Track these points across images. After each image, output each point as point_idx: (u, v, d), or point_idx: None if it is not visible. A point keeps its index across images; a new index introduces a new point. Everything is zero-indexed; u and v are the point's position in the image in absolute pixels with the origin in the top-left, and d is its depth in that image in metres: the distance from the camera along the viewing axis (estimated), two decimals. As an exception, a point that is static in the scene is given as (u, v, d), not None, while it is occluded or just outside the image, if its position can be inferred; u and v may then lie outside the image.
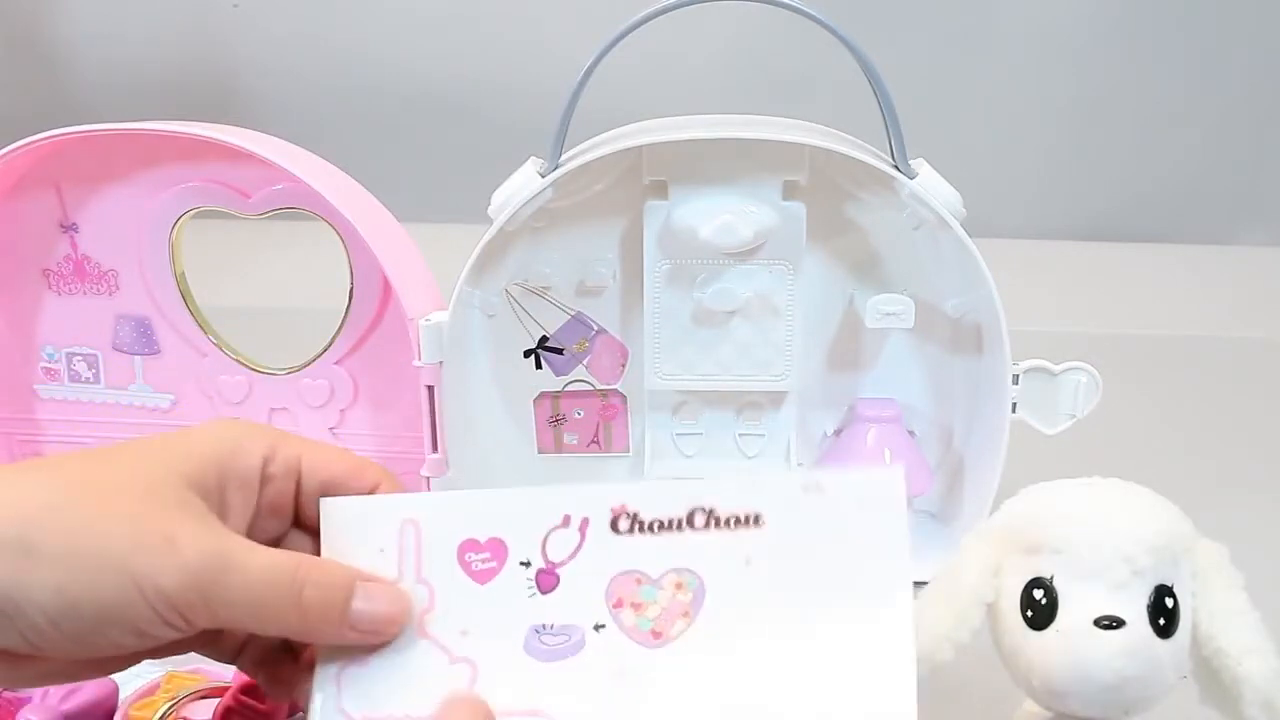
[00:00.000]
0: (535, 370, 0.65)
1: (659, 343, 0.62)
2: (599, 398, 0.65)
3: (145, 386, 0.66)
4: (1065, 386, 0.58)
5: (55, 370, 0.66)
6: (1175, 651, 0.37)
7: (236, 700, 0.48)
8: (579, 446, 0.66)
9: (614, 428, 0.66)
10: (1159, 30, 1.17)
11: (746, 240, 0.58)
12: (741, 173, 0.58)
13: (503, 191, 0.58)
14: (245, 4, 1.25)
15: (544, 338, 0.64)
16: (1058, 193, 1.23)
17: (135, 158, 0.62)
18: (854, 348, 0.63)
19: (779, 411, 0.64)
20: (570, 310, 0.64)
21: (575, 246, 0.62)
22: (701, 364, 0.62)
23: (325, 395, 0.65)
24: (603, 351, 0.64)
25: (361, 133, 1.23)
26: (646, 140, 0.57)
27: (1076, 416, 0.58)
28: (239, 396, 0.66)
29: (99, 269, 0.64)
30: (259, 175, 0.61)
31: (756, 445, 0.65)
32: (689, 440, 0.65)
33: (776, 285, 0.60)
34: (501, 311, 0.63)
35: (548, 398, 0.65)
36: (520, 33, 1.24)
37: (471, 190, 0.66)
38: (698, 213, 0.58)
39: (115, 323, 0.65)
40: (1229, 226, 1.22)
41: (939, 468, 0.63)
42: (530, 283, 0.63)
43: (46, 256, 0.64)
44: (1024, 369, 0.58)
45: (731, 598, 0.35)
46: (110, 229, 0.64)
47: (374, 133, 1.24)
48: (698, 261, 0.60)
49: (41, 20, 1.27)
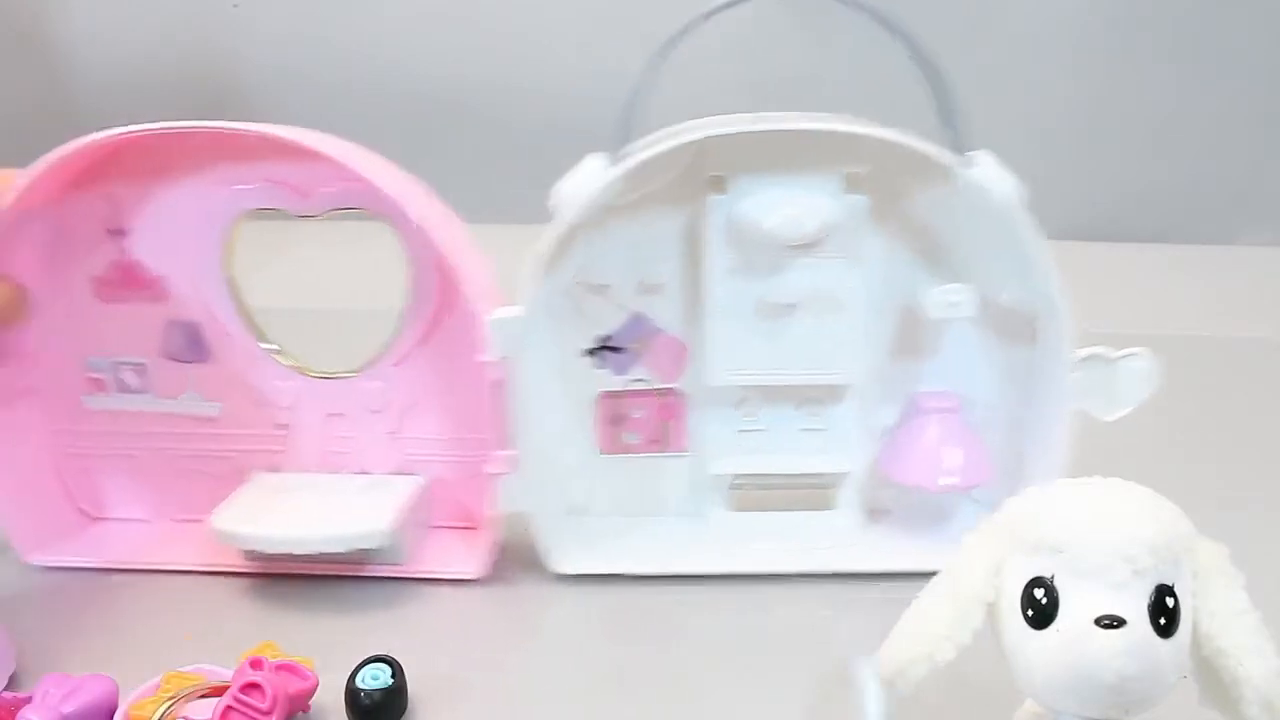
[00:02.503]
0: (597, 370, 0.64)
1: (721, 338, 0.61)
2: (658, 396, 0.65)
3: (195, 395, 0.64)
4: (1123, 373, 0.58)
5: (102, 380, 0.64)
6: (1175, 651, 0.37)
7: (236, 700, 0.48)
8: (640, 446, 0.65)
9: (673, 426, 0.65)
10: (1159, 30, 1.18)
11: (811, 232, 0.58)
12: (803, 166, 0.58)
13: (568, 184, 0.57)
14: (245, 4, 1.25)
15: (605, 336, 0.64)
16: (1057, 193, 1.22)
17: (189, 158, 0.61)
18: (912, 340, 0.63)
19: (840, 405, 0.64)
20: (631, 309, 0.63)
21: (634, 244, 0.62)
22: (765, 358, 0.61)
23: (384, 399, 0.64)
24: (662, 350, 0.64)
25: (362, 133, 1.22)
26: (715, 132, 0.56)
27: (1134, 404, 0.58)
28: (293, 403, 0.64)
29: (148, 275, 0.63)
30: (318, 174, 0.60)
31: (818, 439, 0.64)
32: (750, 437, 0.64)
33: (839, 278, 0.60)
34: (562, 310, 0.63)
35: (608, 397, 0.65)
36: (521, 32, 1.24)
37: (472, 190, 0.66)
38: (761, 206, 0.58)
39: (165, 330, 0.64)
40: (1229, 226, 1.22)
41: (997, 458, 0.63)
42: (591, 280, 0.62)
43: (94, 263, 0.63)
44: (1082, 356, 0.58)
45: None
46: (161, 233, 0.62)
47: (375, 133, 1.23)
48: (760, 255, 0.60)
49: (41, 20, 1.27)
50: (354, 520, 0.60)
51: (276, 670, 0.49)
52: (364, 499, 0.62)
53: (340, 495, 0.63)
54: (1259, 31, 1.17)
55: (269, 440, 0.65)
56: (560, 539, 0.62)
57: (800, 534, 0.64)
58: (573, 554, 0.62)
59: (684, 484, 0.66)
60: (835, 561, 0.61)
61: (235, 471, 0.65)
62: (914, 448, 0.62)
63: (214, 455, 0.65)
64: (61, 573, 0.63)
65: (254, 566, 0.62)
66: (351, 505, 0.62)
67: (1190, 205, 1.21)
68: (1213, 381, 0.86)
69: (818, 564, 0.61)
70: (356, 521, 0.60)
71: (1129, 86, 1.19)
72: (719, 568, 0.62)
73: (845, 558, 0.62)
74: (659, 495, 0.66)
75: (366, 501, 0.62)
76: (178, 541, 0.65)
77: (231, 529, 0.60)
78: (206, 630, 0.58)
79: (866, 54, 1.14)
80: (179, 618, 0.59)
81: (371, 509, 0.61)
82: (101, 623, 0.59)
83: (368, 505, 0.61)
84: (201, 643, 0.55)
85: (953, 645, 0.39)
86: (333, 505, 0.62)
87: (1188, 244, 1.17)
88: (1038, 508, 0.40)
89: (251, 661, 0.50)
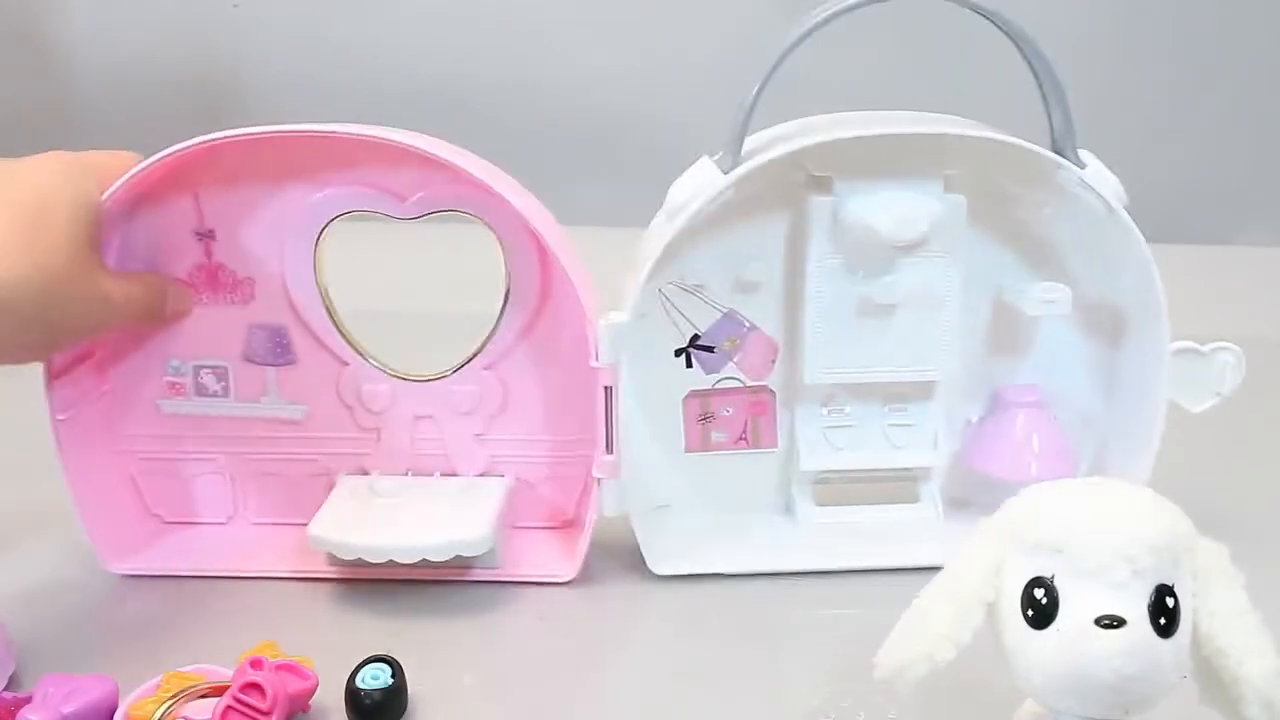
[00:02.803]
0: (685, 369, 0.64)
1: (820, 337, 0.62)
2: (748, 394, 0.65)
3: (278, 398, 0.64)
4: (1213, 366, 0.62)
5: (181, 384, 0.63)
6: (1176, 651, 0.37)
7: (236, 700, 0.48)
8: (726, 443, 0.66)
9: (762, 423, 0.65)
10: (1159, 30, 1.18)
11: (924, 232, 0.59)
12: (905, 167, 0.59)
13: (682, 189, 0.58)
14: (245, 4, 1.25)
15: (695, 336, 0.64)
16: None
17: (281, 160, 0.60)
18: (998, 335, 0.64)
19: (927, 401, 0.65)
20: (723, 308, 0.64)
21: (731, 243, 0.62)
22: (861, 357, 0.62)
23: (474, 401, 0.64)
24: (753, 348, 0.64)
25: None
26: (828, 137, 0.57)
27: (1222, 395, 0.62)
28: (381, 405, 0.64)
29: (234, 277, 0.62)
30: (416, 177, 0.60)
31: (904, 435, 0.65)
32: (839, 433, 0.65)
33: (939, 277, 0.61)
34: (653, 311, 0.63)
35: (696, 396, 0.65)
36: (523, 32, 1.24)
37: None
38: (871, 207, 0.59)
39: (248, 333, 0.63)
40: (1229, 226, 1.22)
41: (1081, 453, 0.65)
42: (686, 281, 0.63)
43: (178, 265, 0.62)
44: (1174, 349, 0.60)
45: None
46: (250, 235, 0.61)
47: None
48: (865, 255, 0.60)
49: (41, 20, 1.27)
50: (455, 527, 0.60)
51: (276, 670, 0.49)
52: (460, 503, 0.62)
53: (435, 500, 0.62)
54: (1259, 31, 1.18)
55: (355, 443, 0.65)
56: (654, 539, 0.62)
57: (885, 528, 0.65)
58: (666, 554, 0.62)
59: (772, 481, 0.66)
60: (918, 555, 0.61)
61: (316, 474, 0.65)
62: (1001, 440, 0.63)
63: (295, 459, 0.65)
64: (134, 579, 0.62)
65: (338, 572, 0.62)
66: (449, 511, 0.61)
67: (1190, 205, 1.21)
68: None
69: (901, 559, 0.61)
70: (458, 528, 0.60)
71: (1129, 86, 1.19)
72: (806, 564, 0.63)
73: (928, 551, 0.62)
74: (745, 492, 0.67)
75: (463, 506, 0.62)
76: (260, 547, 0.64)
77: (331, 536, 0.59)
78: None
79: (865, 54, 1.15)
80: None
81: (470, 514, 0.61)
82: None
83: (465, 510, 0.61)
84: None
85: (953, 645, 0.39)
86: (430, 511, 0.61)
87: (1187, 244, 1.17)
88: (1038, 508, 0.40)
89: (251, 661, 0.49)
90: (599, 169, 1.21)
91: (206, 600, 0.61)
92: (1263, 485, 0.71)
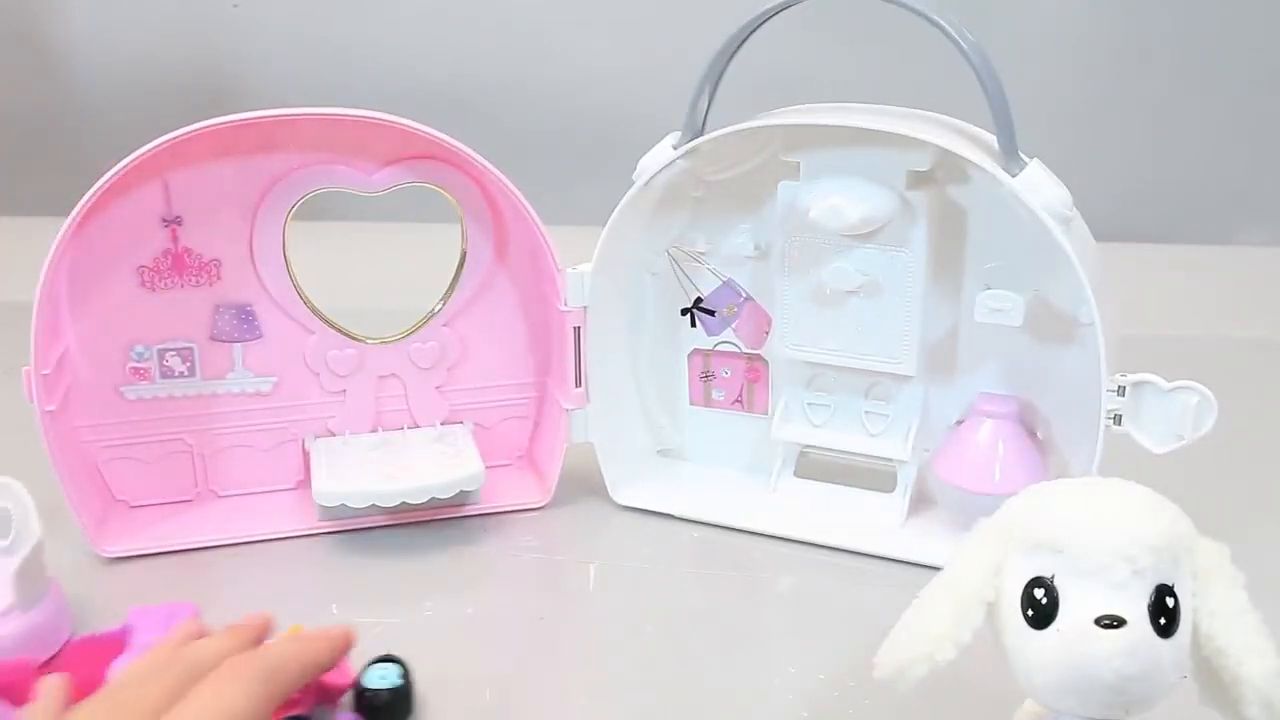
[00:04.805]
0: (690, 328, 0.69)
1: (788, 315, 0.64)
2: (745, 360, 0.69)
3: (245, 372, 0.65)
4: (1175, 405, 0.56)
5: (145, 369, 0.64)
6: (1176, 651, 0.37)
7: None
8: (725, 403, 0.70)
9: (756, 390, 0.69)
10: (1159, 30, 1.18)
11: (853, 223, 0.59)
12: (869, 160, 0.60)
13: (644, 159, 0.63)
14: (245, 4, 1.25)
15: (698, 299, 0.68)
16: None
17: (249, 145, 0.62)
18: (980, 340, 0.64)
19: (905, 394, 0.65)
20: (722, 276, 0.67)
21: (728, 218, 0.66)
22: (826, 339, 0.64)
23: (435, 356, 0.68)
24: (749, 317, 0.68)
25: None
26: (772, 122, 0.60)
27: (1184, 439, 0.56)
28: (348, 369, 0.67)
29: (200, 260, 0.63)
30: (381, 151, 0.64)
31: (880, 424, 0.66)
32: (818, 410, 0.67)
33: (893, 270, 0.61)
34: (664, 271, 0.68)
35: (700, 354, 0.70)
36: (523, 32, 1.24)
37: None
38: (812, 194, 0.60)
39: (214, 313, 0.64)
40: (1229, 226, 1.22)
41: (1050, 470, 0.63)
42: (686, 247, 0.67)
43: (142, 253, 0.63)
44: (1131, 382, 0.56)
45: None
46: (217, 218, 0.63)
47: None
48: (821, 240, 0.62)
49: (41, 20, 1.27)
50: (452, 467, 0.64)
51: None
52: (442, 448, 0.67)
53: (418, 448, 0.67)
54: (1259, 31, 1.17)
55: (321, 408, 0.67)
56: (626, 474, 0.68)
57: (854, 511, 0.66)
58: (635, 489, 0.68)
59: (761, 444, 0.69)
60: (874, 544, 0.63)
61: (283, 442, 0.67)
62: (962, 448, 0.63)
63: (264, 429, 0.67)
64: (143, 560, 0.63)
65: (327, 527, 0.65)
66: (438, 455, 0.66)
67: (1189, 205, 1.21)
68: (1211, 381, 0.86)
69: (859, 544, 0.64)
70: (455, 468, 0.64)
71: (1129, 86, 1.19)
72: (770, 528, 0.65)
73: (885, 543, 0.64)
74: (736, 451, 0.71)
75: (447, 449, 0.66)
76: (241, 515, 0.66)
77: (339, 489, 0.62)
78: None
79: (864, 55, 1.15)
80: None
81: (457, 455, 0.66)
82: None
83: (452, 453, 0.66)
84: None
85: (953, 645, 0.39)
86: (421, 457, 0.66)
87: (1187, 244, 1.17)
88: (1038, 508, 0.40)
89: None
90: (599, 169, 1.21)
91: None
92: (1262, 485, 0.71)
